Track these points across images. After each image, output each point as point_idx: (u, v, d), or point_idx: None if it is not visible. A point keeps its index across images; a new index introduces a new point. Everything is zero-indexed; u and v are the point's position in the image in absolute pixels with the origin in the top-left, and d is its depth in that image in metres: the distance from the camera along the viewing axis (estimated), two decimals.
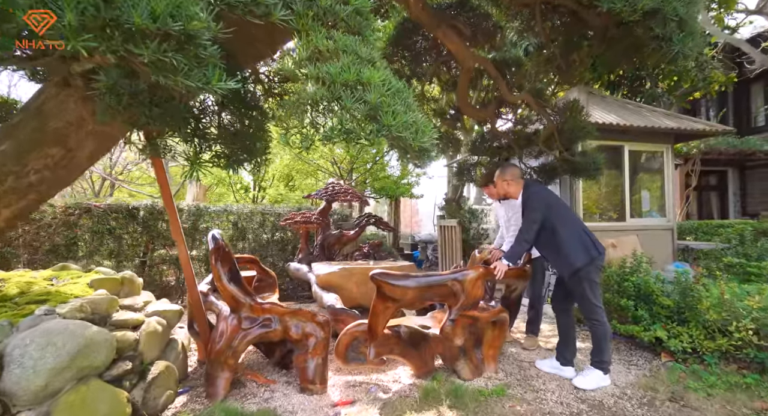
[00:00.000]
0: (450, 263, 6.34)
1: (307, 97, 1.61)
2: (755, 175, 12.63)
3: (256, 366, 3.23)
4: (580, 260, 2.77)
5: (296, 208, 5.90)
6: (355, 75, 1.61)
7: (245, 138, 2.18)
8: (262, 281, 4.12)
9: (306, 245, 4.92)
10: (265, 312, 2.71)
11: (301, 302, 5.67)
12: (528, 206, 2.95)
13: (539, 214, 2.88)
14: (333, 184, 4.96)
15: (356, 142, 1.69)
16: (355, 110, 1.64)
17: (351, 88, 1.63)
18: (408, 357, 2.89)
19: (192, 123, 1.90)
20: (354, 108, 1.63)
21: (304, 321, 2.78)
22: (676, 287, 3.41)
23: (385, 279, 2.62)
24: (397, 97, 1.79)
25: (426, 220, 13.52)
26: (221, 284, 2.70)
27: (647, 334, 3.22)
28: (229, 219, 5.61)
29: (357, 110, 1.64)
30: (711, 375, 2.84)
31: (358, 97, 1.63)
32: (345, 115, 1.62)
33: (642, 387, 2.84)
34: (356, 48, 1.68)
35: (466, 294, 2.64)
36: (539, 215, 2.88)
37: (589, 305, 2.83)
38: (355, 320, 3.31)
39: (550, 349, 3.70)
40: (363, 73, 1.65)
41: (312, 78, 1.61)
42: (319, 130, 1.67)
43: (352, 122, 1.68)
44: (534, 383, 2.95)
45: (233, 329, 2.68)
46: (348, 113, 1.63)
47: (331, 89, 1.61)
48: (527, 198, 2.97)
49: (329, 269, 3.92)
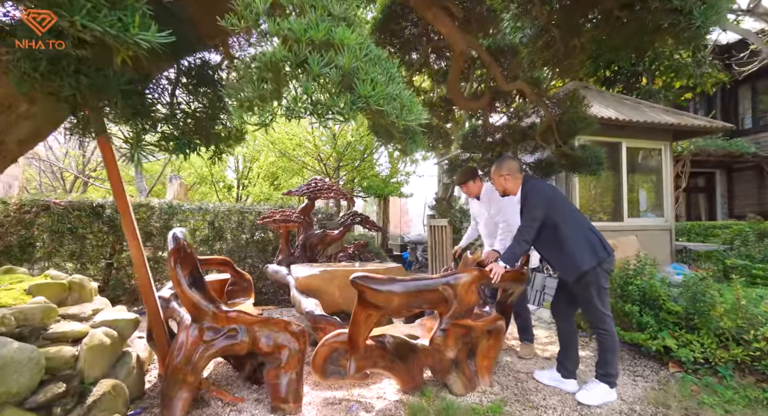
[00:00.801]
0: (440, 264, 6.05)
1: (264, 60, 1.29)
2: (742, 177, 12.77)
3: (224, 381, 2.89)
4: (587, 262, 2.49)
5: (278, 206, 5.56)
6: (324, 33, 1.30)
7: (201, 119, 1.85)
8: (236, 285, 3.77)
9: (287, 245, 4.58)
10: (230, 321, 2.38)
11: (281, 306, 5.33)
12: (528, 202, 2.66)
13: (540, 211, 2.59)
14: (316, 180, 4.63)
15: (326, 116, 1.37)
16: (324, 76, 1.32)
17: (319, 50, 1.32)
18: (394, 371, 2.58)
19: (133, 98, 1.57)
20: (323, 74, 1.32)
21: (276, 332, 2.45)
22: (684, 291, 3.16)
23: (367, 284, 2.31)
24: (378, 66, 1.48)
25: (416, 220, 13.25)
26: (181, 290, 2.36)
27: (655, 343, 2.96)
28: (205, 218, 5.24)
29: (327, 76, 1.32)
30: (727, 388, 2.59)
31: (328, 62, 1.32)
32: (311, 83, 1.31)
33: (652, 402, 2.56)
34: (326, 2, 1.37)
35: (459, 300, 2.34)
36: (540, 212, 2.59)
37: (597, 312, 2.55)
38: (337, 328, 3.00)
39: (549, 358, 3.43)
40: (334, 32, 1.33)
41: (271, 36, 1.30)
42: (281, 102, 1.36)
43: (321, 92, 1.36)
44: (533, 398, 2.66)
45: (194, 341, 2.34)
46: (315, 81, 1.32)
47: (294, 50, 1.30)
48: (527, 194, 2.68)
49: (309, 271, 3.59)
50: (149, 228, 4.86)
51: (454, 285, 2.34)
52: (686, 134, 5.67)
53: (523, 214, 2.70)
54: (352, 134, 7.98)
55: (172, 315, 2.82)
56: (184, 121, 1.84)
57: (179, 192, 10.91)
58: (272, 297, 5.44)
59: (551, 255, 2.71)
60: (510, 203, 3.37)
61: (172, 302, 2.85)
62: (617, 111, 5.06)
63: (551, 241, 2.65)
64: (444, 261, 5.82)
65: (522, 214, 2.76)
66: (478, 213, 3.67)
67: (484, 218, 3.61)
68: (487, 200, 3.50)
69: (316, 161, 8.57)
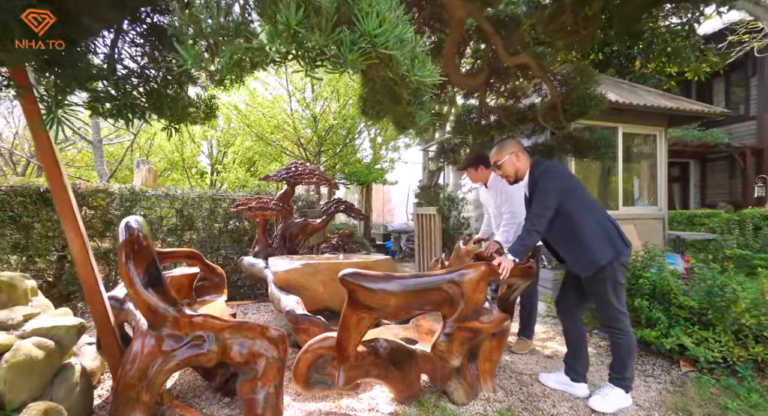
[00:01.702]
0: (428, 255, 5.76)
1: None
2: (715, 167, 13.13)
3: (190, 393, 2.51)
4: (606, 255, 2.21)
5: (254, 193, 5.10)
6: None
7: (152, 79, 1.44)
8: (206, 280, 3.36)
9: (264, 235, 4.17)
10: (194, 327, 1.99)
11: (259, 301, 4.93)
12: (539, 187, 2.34)
13: (553, 198, 2.28)
14: (296, 164, 4.21)
15: (314, 63, 0.99)
16: (313, 3, 0.94)
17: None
18: (388, 380, 2.26)
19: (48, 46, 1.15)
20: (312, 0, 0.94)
21: (251, 338, 2.08)
22: (696, 284, 2.94)
23: (359, 282, 1.96)
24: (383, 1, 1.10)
25: (399, 209, 12.94)
26: (133, 291, 1.95)
27: (669, 341, 2.73)
28: (173, 205, 4.75)
29: (317, 3, 0.94)
30: (750, 391, 2.38)
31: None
32: (296, 13, 0.92)
33: (670, 407, 2.33)
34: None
35: (466, 300, 2.01)
36: (553, 199, 2.28)
37: (612, 311, 2.28)
38: (321, 329, 2.65)
39: (550, 357, 3.18)
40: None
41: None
42: (251, 41, 0.97)
43: (309, 29, 0.98)
44: (542, 405, 2.40)
45: (150, 352, 1.95)
46: (301, 10, 0.94)
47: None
48: (538, 177, 2.36)
49: (289, 265, 3.21)
50: (108, 217, 4.35)
51: (460, 283, 2.01)
52: (682, 120, 5.50)
53: (533, 200, 2.38)
54: (334, 117, 7.51)
55: (127, 319, 2.41)
56: (127, 80, 1.42)
57: (147, 178, 10.23)
58: (248, 291, 5.03)
59: (563, 247, 2.42)
60: (517, 191, 3.07)
61: (128, 303, 2.43)
62: (616, 94, 4.81)
63: (563, 231, 2.36)
64: (433, 252, 5.53)
65: (531, 200, 2.45)
66: (487, 201, 3.37)
67: (492, 206, 3.31)
68: (494, 187, 3.20)
69: (296, 145, 8.07)
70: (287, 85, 7.49)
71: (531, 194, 2.45)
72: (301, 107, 7.72)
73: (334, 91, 7.47)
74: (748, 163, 11.86)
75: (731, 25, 10.99)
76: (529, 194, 2.49)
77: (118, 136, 10.79)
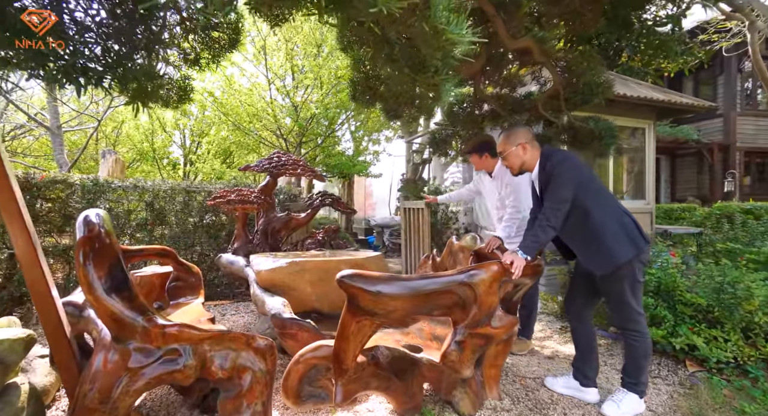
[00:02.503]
0: (416, 251, 5.55)
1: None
2: (684, 163, 13.65)
3: (163, 411, 2.22)
4: (625, 253, 2.06)
5: (232, 185, 4.76)
6: None
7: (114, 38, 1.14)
8: (180, 281, 3.04)
9: (244, 231, 3.86)
10: (167, 339, 1.70)
11: (237, 301, 4.62)
12: (554, 180, 2.15)
13: (569, 191, 2.10)
14: (279, 154, 3.90)
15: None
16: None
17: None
18: (389, 391, 2.04)
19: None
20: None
21: (235, 350, 1.82)
22: (701, 281, 2.85)
23: (360, 285, 1.72)
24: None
25: (380, 203, 12.70)
26: (94, 297, 1.65)
27: (678, 341, 2.61)
28: (142, 198, 4.36)
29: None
30: (766, 393, 2.28)
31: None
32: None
33: (686, 413, 2.21)
34: None
35: (479, 304, 1.80)
36: (569, 192, 2.10)
37: (629, 311, 2.13)
38: (311, 335, 2.41)
39: (550, 357, 3.04)
40: None
41: None
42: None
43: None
44: (552, 413, 2.23)
45: (113, 369, 1.65)
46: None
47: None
48: (553, 168, 2.17)
49: (274, 263, 2.93)
50: (69, 210, 3.94)
51: (472, 285, 1.80)
52: (671, 112, 5.49)
53: (547, 193, 2.20)
54: (316, 106, 7.15)
55: (87, 328, 2.08)
56: (80, 38, 1.12)
57: (114, 169, 9.62)
58: (226, 290, 4.70)
59: (578, 244, 2.25)
60: (524, 183, 2.89)
61: (88, 310, 2.11)
62: None
63: (578, 226, 2.18)
64: (421, 247, 5.32)
65: (542, 194, 2.27)
66: (490, 192, 3.16)
67: (494, 198, 3.12)
68: (500, 177, 3.00)
69: (276, 135, 7.67)
70: (266, 72, 7.08)
71: (542, 186, 2.27)
72: (281, 95, 7.32)
73: (317, 79, 7.11)
74: (716, 159, 12.36)
75: (701, 25, 11.27)
76: (540, 187, 2.30)
77: (81, 123, 10.06)
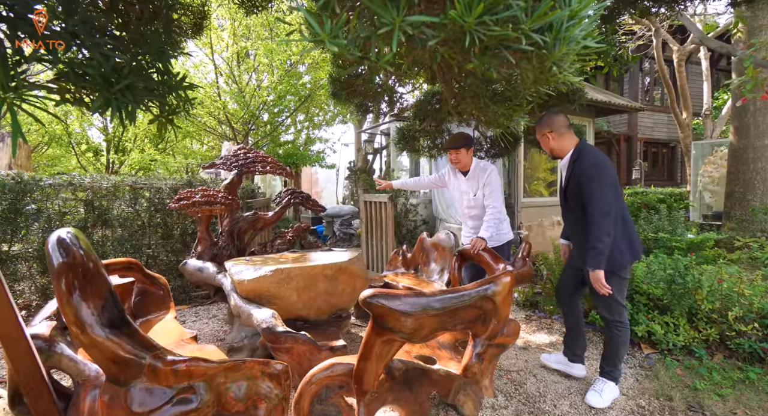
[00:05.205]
0: (379, 245, 5.56)
1: None
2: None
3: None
4: (620, 261, 2.28)
5: (186, 182, 4.34)
6: None
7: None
8: (146, 296, 2.75)
9: (208, 233, 3.56)
10: (179, 377, 1.53)
11: (196, 305, 4.30)
12: (593, 180, 2.18)
13: (611, 194, 2.18)
14: (245, 149, 3.63)
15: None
16: None
17: None
18: (401, 403, 2.04)
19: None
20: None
21: (251, 378, 1.69)
22: (649, 272, 3.21)
23: (387, 304, 1.68)
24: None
25: (326, 192, 12.47)
26: (89, 339, 1.42)
27: (639, 328, 2.94)
28: (77, 196, 3.82)
29: None
30: (711, 370, 2.65)
31: None
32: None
33: (653, 394, 2.50)
34: None
35: (498, 315, 1.86)
36: (611, 195, 2.18)
37: (615, 304, 2.37)
38: (308, 348, 2.33)
39: (524, 347, 3.25)
40: None
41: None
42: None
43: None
44: (543, 406, 2.40)
45: (113, 415, 1.45)
46: None
47: None
48: (589, 168, 2.21)
49: (256, 271, 2.75)
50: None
51: (492, 297, 1.84)
52: (607, 112, 6.02)
53: (591, 196, 2.18)
54: (268, 92, 6.69)
55: (58, 365, 1.80)
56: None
57: (18, 156, 8.34)
58: (182, 295, 4.35)
59: (578, 239, 2.46)
60: (499, 186, 3.03)
61: (58, 344, 1.82)
62: None
63: (585, 225, 2.26)
64: (384, 241, 5.33)
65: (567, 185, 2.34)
66: (462, 191, 3.19)
67: (467, 198, 3.16)
68: (476, 178, 3.05)
69: (222, 123, 7.07)
70: (211, 53, 6.46)
71: (567, 178, 2.35)
72: (227, 78, 6.74)
73: (270, 64, 6.64)
74: (622, 148, 14.07)
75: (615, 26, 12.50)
76: (566, 177, 2.38)
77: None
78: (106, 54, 0.95)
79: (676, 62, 10.17)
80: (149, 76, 1.01)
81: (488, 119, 1.54)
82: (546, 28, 0.78)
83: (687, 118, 10.03)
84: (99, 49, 0.95)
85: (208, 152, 9.20)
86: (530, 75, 1.03)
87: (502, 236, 3.14)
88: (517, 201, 5.90)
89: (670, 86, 10.14)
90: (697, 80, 13.79)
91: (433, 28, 0.74)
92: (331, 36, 0.73)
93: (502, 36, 0.74)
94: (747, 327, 2.69)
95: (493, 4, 0.69)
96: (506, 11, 0.70)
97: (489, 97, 1.35)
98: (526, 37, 0.75)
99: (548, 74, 0.95)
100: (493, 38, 0.75)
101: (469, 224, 3.32)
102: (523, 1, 0.72)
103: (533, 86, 1.07)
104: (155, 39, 1.15)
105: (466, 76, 1.25)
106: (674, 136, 13.78)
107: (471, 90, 1.43)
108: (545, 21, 0.74)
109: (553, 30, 0.77)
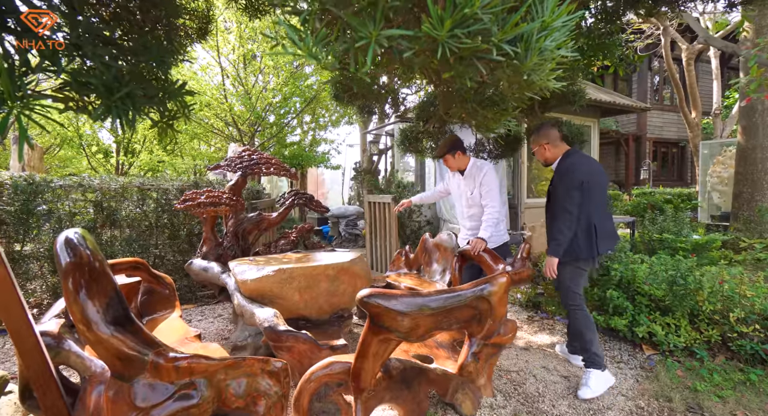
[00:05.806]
0: (383, 246, 5.59)
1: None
2: (604, 151, 15.27)
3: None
4: (577, 253, 2.51)
5: (192, 183, 4.41)
6: None
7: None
8: (152, 295, 2.81)
9: (212, 233, 3.62)
10: (181, 373, 1.58)
11: (202, 304, 4.38)
12: (561, 181, 2.51)
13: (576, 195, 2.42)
14: (249, 151, 3.69)
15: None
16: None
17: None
18: (399, 402, 2.07)
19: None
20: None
21: (251, 375, 1.74)
22: (652, 272, 3.20)
23: (383, 304, 1.71)
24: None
25: (332, 192, 12.54)
26: (95, 336, 1.48)
27: (640, 329, 2.94)
28: (87, 198, 3.92)
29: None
30: (712, 372, 2.65)
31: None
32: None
33: (652, 395, 2.51)
34: None
35: (494, 315, 1.89)
36: (576, 196, 2.42)
37: (569, 291, 2.58)
38: (309, 346, 2.37)
39: (525, 348, 3.26)
40: None
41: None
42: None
43: None
44: (541, 406, 2.42)
45: (118, 410, 1.51)
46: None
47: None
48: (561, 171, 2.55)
49: (259, 272, 2.81)
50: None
51: (488, 297, 1.87)
52: (613, 112, 5.99)
53: (557, 193, 2.52)
54: (274, 94, 6.77)
55: (67, 362, 1.86)
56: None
57: (31, 157, 8.54)
58: (189, 294, 4.42)
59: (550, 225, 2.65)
60: (496, 183, 3.06)
61: (65, 342, 1.88)
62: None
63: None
64: (388, 242, 5.37)
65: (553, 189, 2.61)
66: (461, 191, 3.21)
67: (465, 197, 3.17)
68: (473, 177, 3.06)
69: (228, 125, 7.16)
70: (218, 56, 6.56)
71: (553, 182, 2.61)
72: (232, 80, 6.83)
73: (276, 67, 6.72)
74: (630, 148, 13.93)
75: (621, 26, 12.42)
76: (552, 182, 2.64)
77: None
78: (107, 63, 1.00)
79: (685, 61, 10.06)
80: (149, 83, 1.06)
81: (478, 123, 1.59)
82: (518, 39, 0.82)
83: (696, 117, 9.92)
84: (101, 59, 1.01)
85: (215, 153, 9.33)
86: (506, 83, 1.08)
87: (499, 237, 3.15)
88: (521, 202, 5.90)
89: (678, 85, 10.04)
90: (707, 79, 13.63)
91: (409, 41, 0.78)
92: (311, 49, 0.77)
93: (474, 48, 0.78)
94: (749, 328, 2.68)
95: (463, 17, 0.73)
96: (476, 25, 0.74)
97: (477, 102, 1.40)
98: (497, 48, 0.80)
99: (524, 82, 0.99)
100: (466, 49, 0.79)
101: (467, 224, 3.33)
102: (493, 15, 0.76)
103: (518, 92, 1.11)
104: (156, 48, 1.20)
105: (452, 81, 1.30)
106: (684, 135, 13.64)
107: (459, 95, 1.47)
108: (516, 33, 0.78)
109: (524, 41, 0.81)
